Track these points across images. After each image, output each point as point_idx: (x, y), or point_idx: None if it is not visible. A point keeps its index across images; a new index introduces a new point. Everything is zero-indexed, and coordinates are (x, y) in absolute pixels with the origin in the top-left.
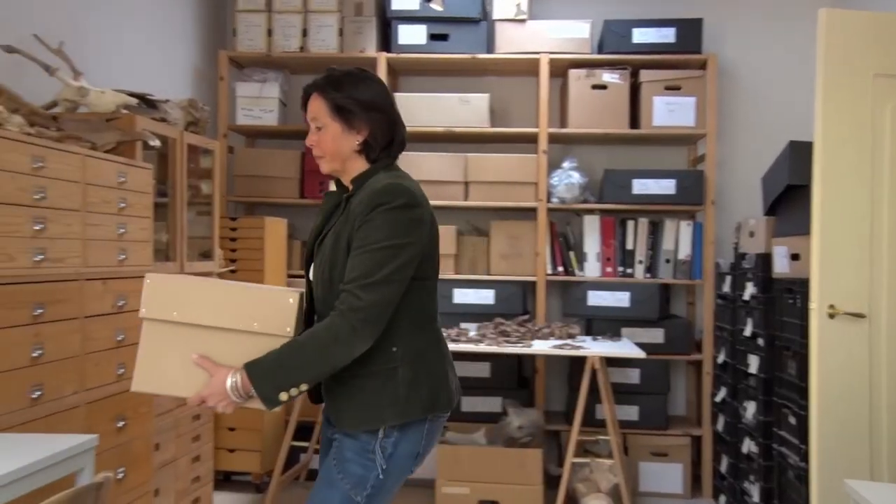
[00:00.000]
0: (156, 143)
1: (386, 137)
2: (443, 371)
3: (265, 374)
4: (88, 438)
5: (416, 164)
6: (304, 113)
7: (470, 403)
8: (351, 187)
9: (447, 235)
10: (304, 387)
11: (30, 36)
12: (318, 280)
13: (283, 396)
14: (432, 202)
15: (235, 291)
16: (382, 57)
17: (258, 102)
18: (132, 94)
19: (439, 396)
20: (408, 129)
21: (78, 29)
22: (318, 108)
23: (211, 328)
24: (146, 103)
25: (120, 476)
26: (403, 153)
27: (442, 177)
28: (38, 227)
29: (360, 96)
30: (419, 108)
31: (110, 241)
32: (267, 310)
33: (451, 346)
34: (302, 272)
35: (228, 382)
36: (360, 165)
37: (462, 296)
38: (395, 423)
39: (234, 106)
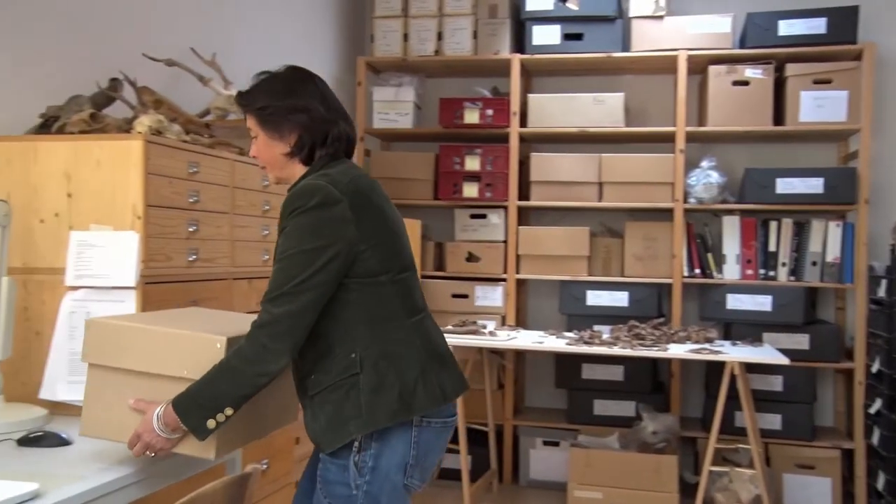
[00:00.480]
0: None
1: (315, 136)
2: (417, 371)
3: (189, 404)
4: None
5: (548, 166)
6: None
7: (603, 406)
8: None
9: (579, 237)
10: (229, 411)
11: (187, 49)
12: None
13: (211, 424)
14: (564, 203)
15: (167, 337)
16: (516, 59)
17: (394, 106)
18: None
19: (413, 399)
20: (540, 129)
21: (228, 41)
22: (249, 120)
23: (148, 374)
24: None
25: (264, 467)
26: (535, 153)
27: (575, 178)
28: (192, 229)
29: (275, 102)
30: (553, 109)
31: (255, 242)
32: (196, 356)
33: (584, 349)
34: (433, 273)
35: (154, 417)
36: (299, 170)
37: (595, 297)
38: (359, 434)
39: (371, 110)
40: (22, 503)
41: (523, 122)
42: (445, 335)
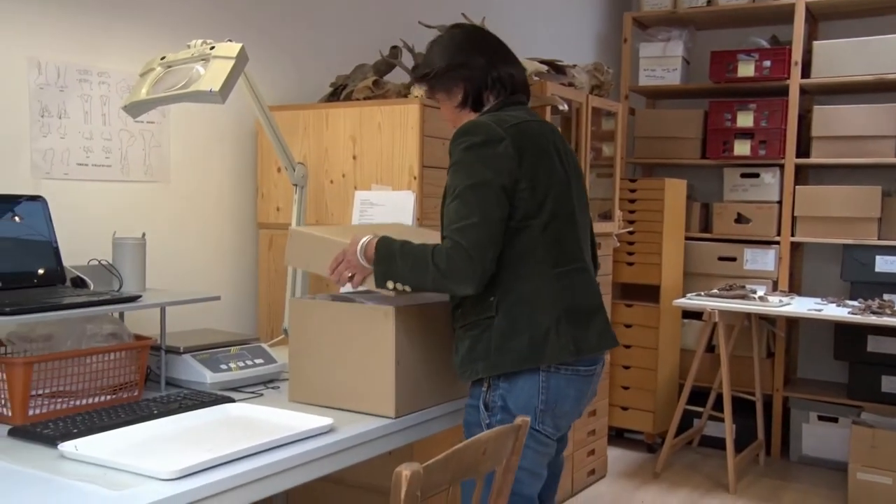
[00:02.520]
0: (564, 107)
1: (478, 84)
2: (552, 321)
3: (385, 256)
4: None
5: (834, 119)
6: None
7: (891, 383)
8: None
9: (868, 197)
10: (407, 288)
11: (458, 15)
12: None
13: (389, 285)
14: (852, 160)
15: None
16: (801, 2)
17: (661, 62)
18: (543, 62)
19: (543, 349)
20: (827, 80)
21: (497, 5)
22: (426, 89)
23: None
24: (555, 69)
25: None
26: (818, 106)
27: (866, 131)
28: None
29: (436, 66)
30: (843, 56)
31: None
32: None
33: (872, 320)
34: (698, 234)
35: (362, 240)
36: (472, 118)
37: (886, 264)
38: (485, 375)
39: (636, 67)
40: (319, 435)
41: (806, 73)
42: (710, 299)
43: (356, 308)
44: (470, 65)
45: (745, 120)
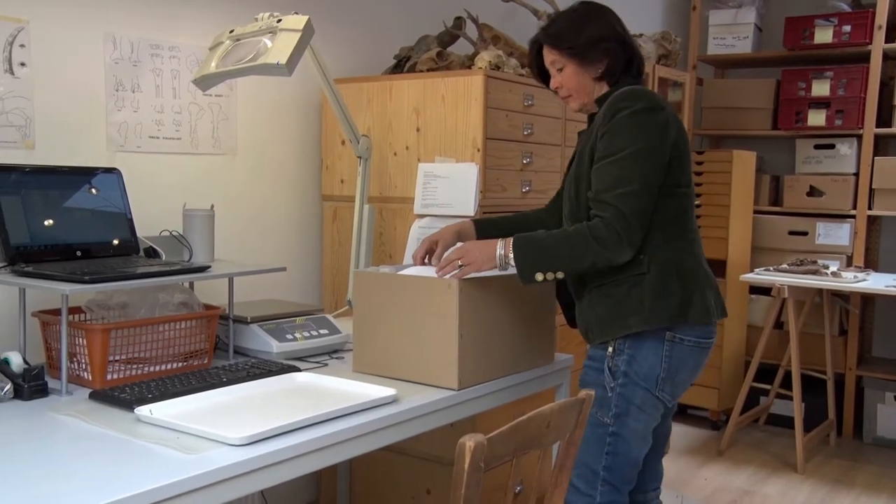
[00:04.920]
0: None
1: (621, 61)
2: (697, 283)
3: (529, 250)
4: (566, 357)
5: None
6: (531, 62)
7: None
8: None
9: None
10: (560, 274)
11: None
12: (566, 199)
13: (539, 277)
14: None
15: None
16: None
17: (732, 30)
18: None
19: (691, 307)
20: None
21: None
22: (552, 54)
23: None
24: None
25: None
26: None
27: None
28: (525, 161)
29: (587, 35)
30: None
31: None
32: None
33: None
34: (767, 207)
35: (499, 250)
36: (603, 90)
37: None
38: (638, 329)
39: (705, 35)
40: (382, 405)
41: (890, 37)
42: (780, 274)
43: (420, 280)
44: (618, 40)
45: (820, 89)
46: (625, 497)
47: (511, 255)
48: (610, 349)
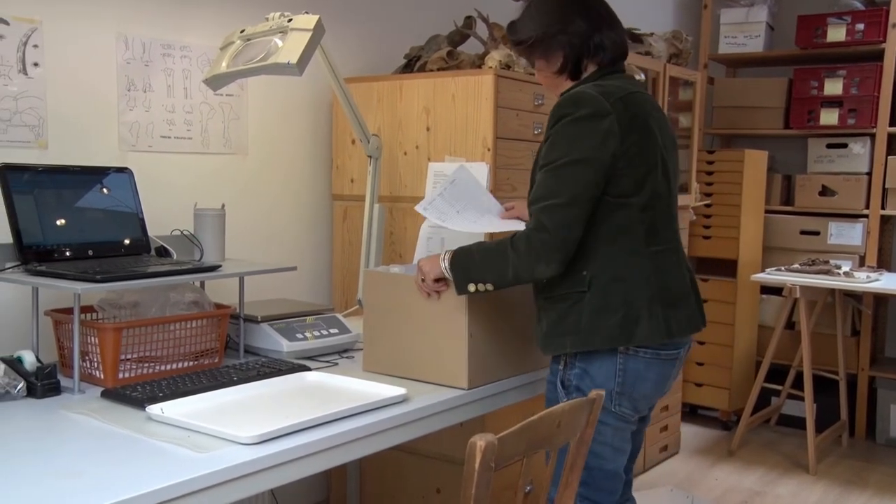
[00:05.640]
0: (640, 76)
1: (578, 50)
2: (645, 300)
3: (460, 262)
4: None
5: None
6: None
7: None
8: None
9: None
10: (489, 287)
11: None
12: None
13: (471, 288)
14: None
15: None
16: None
17: (743, 28)
18: None
19: (635, 328)
20: None
21: None
22: (525, 56)
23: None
24: (632, 38)
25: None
26: None
27: None
28: None
29: (532, 31)
30: None
31: None
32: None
33: None
34: (779, 207)
35: (443, 263)
36: (566, 85)
37: None
38: (572, 350)
39: (717, 34)
40: (393, 404)
41: None
42: (791, 274)
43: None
44: (569, 30)
45: (833, 87)
46: None
47: (449, 268)
48: (562, 363)
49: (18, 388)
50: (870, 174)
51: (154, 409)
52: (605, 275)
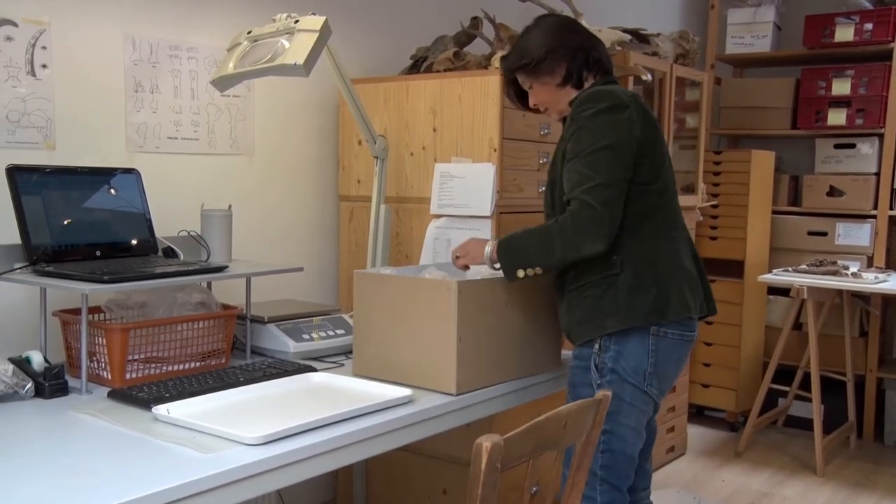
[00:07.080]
0: (647, 77)
1: (579, 62)
2: (673, 280)
3: (508, 248)
4: None
5: None
6: (508, 93)
7: None
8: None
9: None
10: (538, 270)
11: None
12: (544, 205)
13: (520, 273)
14: None
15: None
16: None
17: (750, 28)
18: (626, 31)
19: (668, 305)
20: None
21: None
22: (520, 77)
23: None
24: (638, 38)
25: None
26: None
27: None
28: (542, 161)
29: (533, 55)
30: None
31: None
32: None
33: None
34: (786, 208)
35: (487, 249)
36: (572, 94)
37: None
38: (616, 329)
39: (724, 34)
40: (398, 406)
41: None
42: (799, 275)
43: (419, 281)
44: (569, 45)
45: (841, 87)
46: (625, 496)
47: (496, 255)
48: (596, 346)
49: (27, 388)
50: (878, 174)
51: (160, 409)
52: (634, 257)
